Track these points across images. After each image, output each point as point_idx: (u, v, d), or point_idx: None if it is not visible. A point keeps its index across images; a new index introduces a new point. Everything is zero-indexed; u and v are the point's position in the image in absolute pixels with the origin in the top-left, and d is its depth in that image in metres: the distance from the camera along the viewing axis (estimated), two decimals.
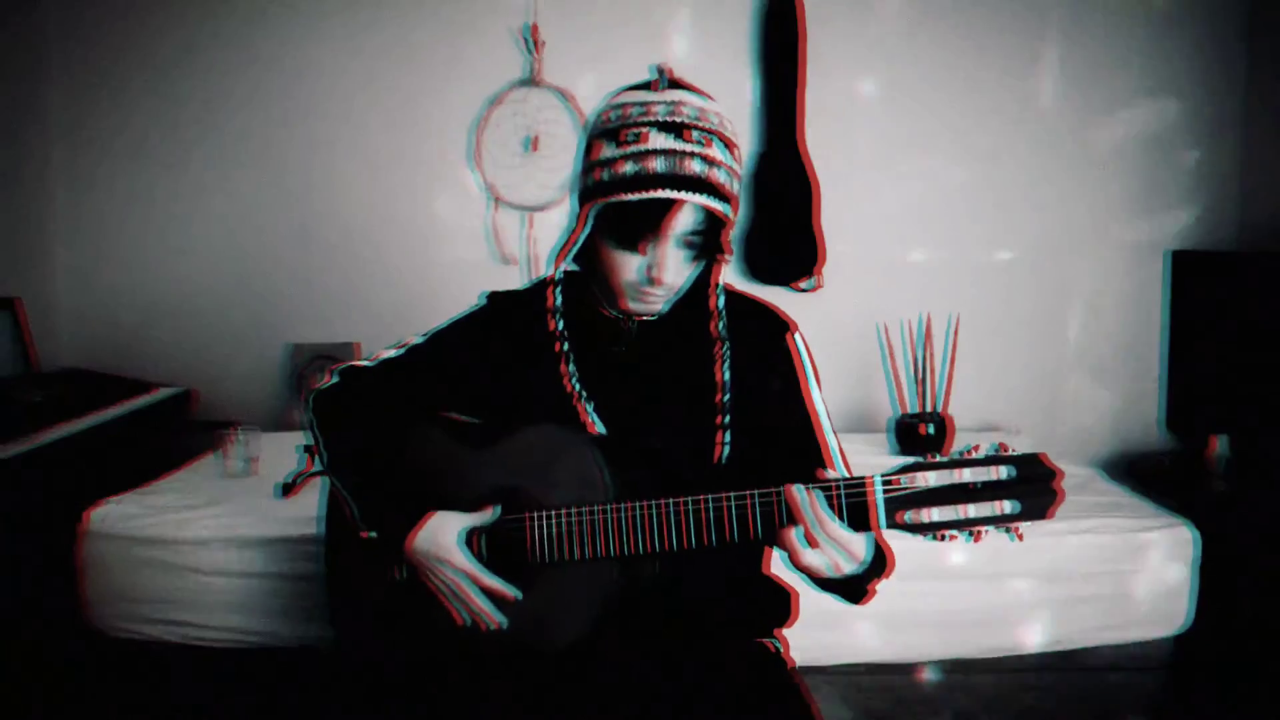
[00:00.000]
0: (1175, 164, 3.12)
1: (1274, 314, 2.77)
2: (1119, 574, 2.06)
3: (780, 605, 1.41)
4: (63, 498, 2.19)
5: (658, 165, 1.19)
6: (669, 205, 1.20)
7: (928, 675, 2.09)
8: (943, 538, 1.12)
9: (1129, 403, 3.18)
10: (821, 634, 1.97)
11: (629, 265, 1.25)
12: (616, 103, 1.27)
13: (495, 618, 1.26)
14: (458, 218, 3.13)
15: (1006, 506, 1.11)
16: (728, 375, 1.32)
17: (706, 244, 1.25)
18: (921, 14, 3.10)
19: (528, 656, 1.29)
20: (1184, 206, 3.13)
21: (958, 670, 2.09)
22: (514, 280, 1.50)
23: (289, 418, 3.09)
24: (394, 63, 3.11)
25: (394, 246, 3.15)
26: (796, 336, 1.37)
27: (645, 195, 1.19)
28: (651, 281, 1.24)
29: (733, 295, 1.38)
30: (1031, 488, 1.11)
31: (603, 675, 1.30)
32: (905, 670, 2.08)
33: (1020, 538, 1.11)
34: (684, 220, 1.22)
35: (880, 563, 1.25)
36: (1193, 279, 3.05)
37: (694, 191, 1.19)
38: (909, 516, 1.12)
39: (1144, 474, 2.92)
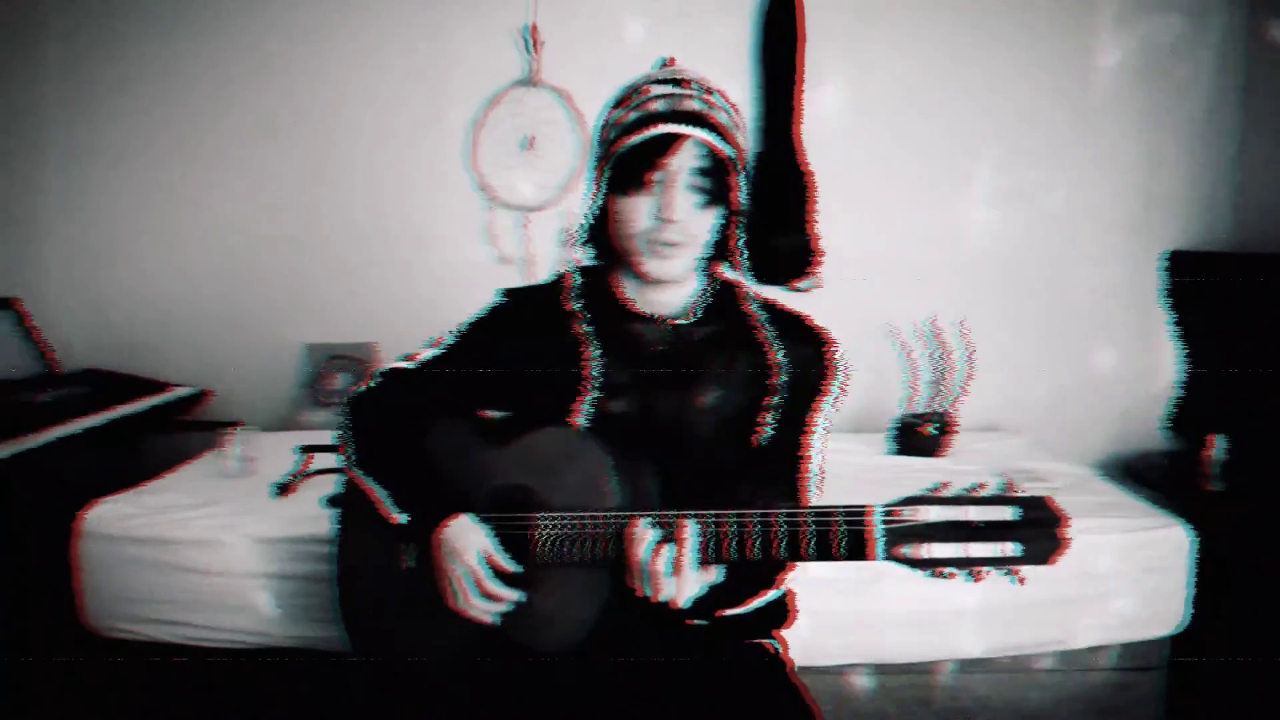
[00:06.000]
0: (1175, 164, 3.12)
1: (1274, 314, 2.76)
2: (1117, 574, 2.05)
3: (779, 606, 1.41)
4: (62, 498, 2.19)
5: (657, 105, 1.27)
6: (670, 142, 1.25)
7: (928, 675, 2.08)
8: (941, 574, 1.11)
9: (1128, 403, 3.17)
10: (822, 635, 1.97)
11: (640, 211, 1.28)
12: (625, 83, 1.35)
13: (487, 619, 1.28)
14: (455, 218, 3.13)
15: (1009, 548, 1.09)
16: (780, 357, 1.34)
17: (716, 189, 1.28)
18: (921, 15, 3.09)
19: (528, 656, 1.29)
20: (1183, 206, 3.13)
21: (958, 670, 2.09)
22: (512, 280, 1.50)
23: (302, 418, 3.08)
24: (394, 61, 3.11)
25: (392, 247, 3.15)
26: (836, 353, 1.38)
27: (646, 134, 1.25)
28: (663, 222, 1.26)
29: (770, 304, 1.40)
30: (1036, 531, 1.09)
31: (603, 676, 1.30)
32: (905, 670, 2.08)
33: (1021, 581, 1.10)
34: (686, 156, 1.26)
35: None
36: (1193, 279, 3.05)
37: (693, 125, 1.25)
38: (908, 550, 1.11)
39: (1143, 474, 2.91)
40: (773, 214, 3.04)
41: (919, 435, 2.75)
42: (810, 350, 1.37)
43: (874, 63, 3.11)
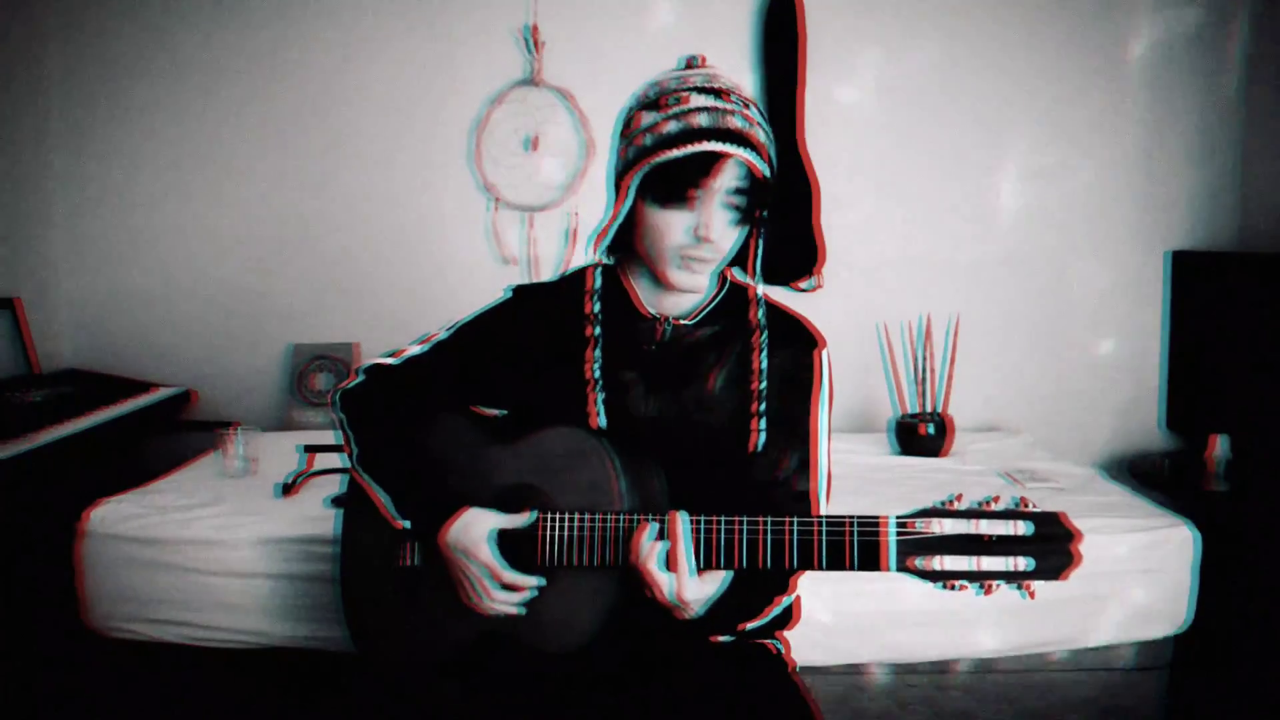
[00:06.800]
0: (1175, 164, 3.12)
1: (1274, 314, 2.77)
2: (1119, 574, 2.05)
3: (783, 608, 1.41)
4: (63, 498, 2.19)
5: (701, 120, 1.23)
6: (714, 160, 1.23)
7: (932, 675, 2.08)
8: (952, 587, 1.11)
9: (1129, 403, 3.18)
10: (823, 635, 1.97)
11: (676, 226, 1.26)
12: (653, 80, 1.31)
13: (512, 609, 1.27)
14: (458, 218, 3.13)
15: (1021, 563, 1.10)
16: (765, 363, 1.33)
17: (750, 207, 1.27)
18: (921, 15, 3.10)
19: (530, 656, 1.29)
20: (1184, 206, 3.13)
21: (958, 670, 2.09)
22: (514, 280, 1.50)
23: (289, 418, 3.09)
24: (394, 63, 3.11)
25: (394, 247, 3.15)
26: (825, 354, 1.38)
27: (691, 149, 1.22)
28: (699, 241, 1.25)
29: (766, 304, 1.39)
30: (1048, 546, 1.10)
31: (605, 675, 1.31)
32: (905, 670, 2.08)
33: (1032, 596, 1.10)
34: (728, 176, 1.24)
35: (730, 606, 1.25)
36: (1193, 279, 3.05)
37: (738, 145, 1.22)
38: (920, 562, 1.12)
39: (1144, 474, 2.92)
40: (776, 214, 3.04)
41: (918, 435, 2.75)
42: (802, 353, 1.36)
43: (872, 61, 3.12)
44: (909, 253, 3.14)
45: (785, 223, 3.05)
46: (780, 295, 2.98)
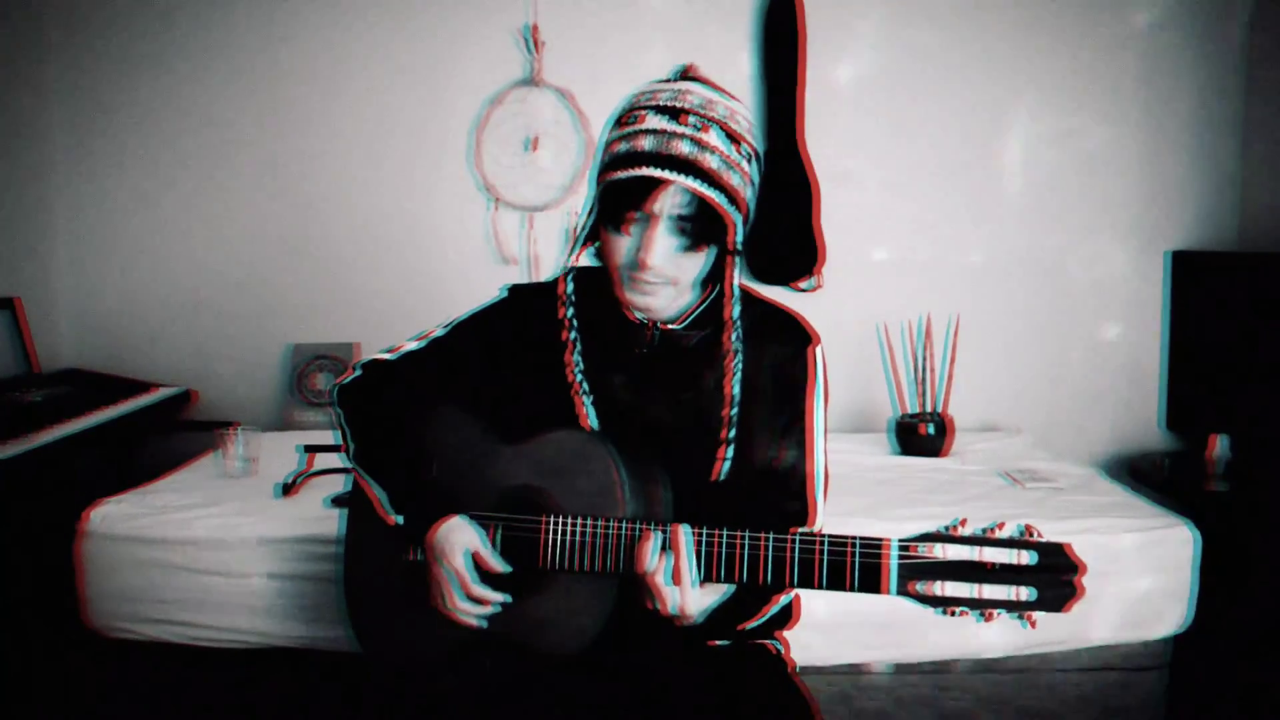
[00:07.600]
0: (1175, 164, 3.12)
1: (1274, 314, 2.77)
2: (1119, 574, 2.05)
3: (784, 608, 1.41)
4: (63, 498, 2.19)
5: (645, 144, 1.21)
6: (655, 184, 1.21)
7: (927, 675, 2.08)
8: (953, 613, 1.10)
9: (1129, 403, 3.18)
10: (822, 635, 1.97)
11: (620, 247, 1.26)
12: (633, 93, 1.30)
13: (473, 621, 1.27)
14: (458, 218, 3.14)
15: (1023, 593, 1.09)
16: (737, 390, 1.31)
17: (701, 233, 1.24)
18: (920, 17, 3.09)
19: (531, 658, 1.29)
20: (1184, 206, 3.13)
21: (958, 670, 2.09)
22: (513, 280, 1.50)
23: (289, 418, 3.09)
24: (394, 62, 3.11)
25: (394, 247, 3.15)
26: (818, 351, 1.36)
27: (630, 173, 1.21)
28: (638, 265, 1.24)
29: (758, 302, 1.38)
30: (1052, 577, 1.09)
31: (604, 676, 1.30)
32: (905, 670, 2.08)
33: (1033, 625, 1.10)
34: (669, 201, 1.22)
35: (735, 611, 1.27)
36: (1193, 279, 3.05)
37: (679, 172, 1.20)
38: (921, 587, 1.11)
39: (1144, 474, 2.92)
40: (776, 214, 3.04)
41: (918, 435, 2.75)
42: (796, 350, 1.35)
43: (870, 57, 3.12)
44: (909, 253, 3.14)
45: (785, 223, 3.05)
46: (780, 295, 2.98)
